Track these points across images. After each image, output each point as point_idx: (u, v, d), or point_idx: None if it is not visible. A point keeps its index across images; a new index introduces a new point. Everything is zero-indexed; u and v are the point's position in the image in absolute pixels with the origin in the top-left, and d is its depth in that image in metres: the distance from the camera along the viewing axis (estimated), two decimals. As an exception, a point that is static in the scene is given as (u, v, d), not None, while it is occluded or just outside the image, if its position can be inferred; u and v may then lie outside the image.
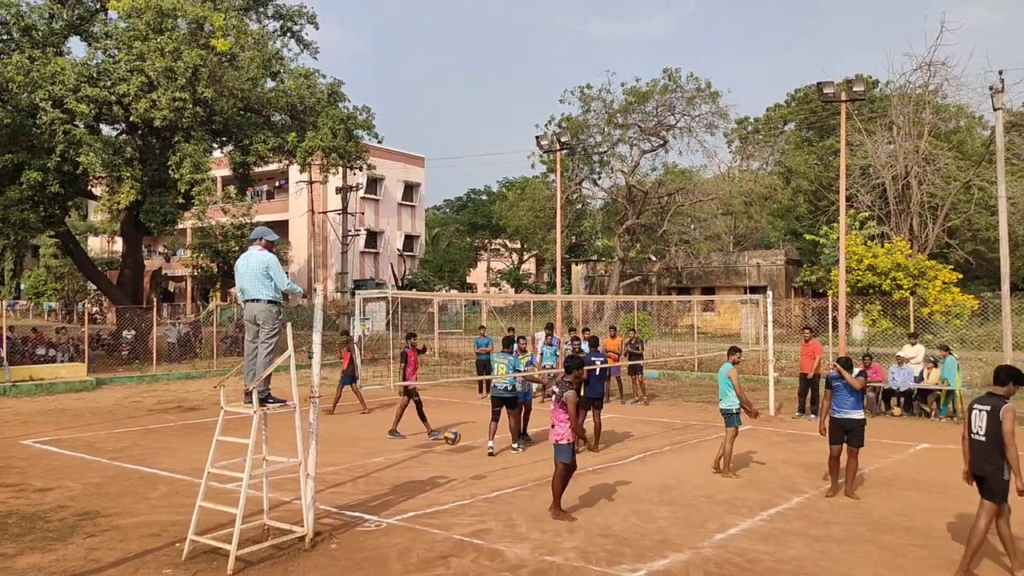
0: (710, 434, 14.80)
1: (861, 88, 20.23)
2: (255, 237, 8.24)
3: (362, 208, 53.10)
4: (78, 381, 22.49)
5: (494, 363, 12.89)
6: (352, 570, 7.22)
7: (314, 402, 8.22)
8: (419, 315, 38.24)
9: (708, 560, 7.49)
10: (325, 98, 29.25)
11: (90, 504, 9.52)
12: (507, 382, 12.57)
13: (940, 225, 36.80)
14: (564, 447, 8.92)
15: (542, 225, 44.86)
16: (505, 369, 12.59)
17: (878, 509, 9.37)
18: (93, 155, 23.82)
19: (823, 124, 48.74)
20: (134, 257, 30.86)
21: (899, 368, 17.08)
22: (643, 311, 36.91)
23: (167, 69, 24.18)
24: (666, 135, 39.62)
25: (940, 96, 38.68)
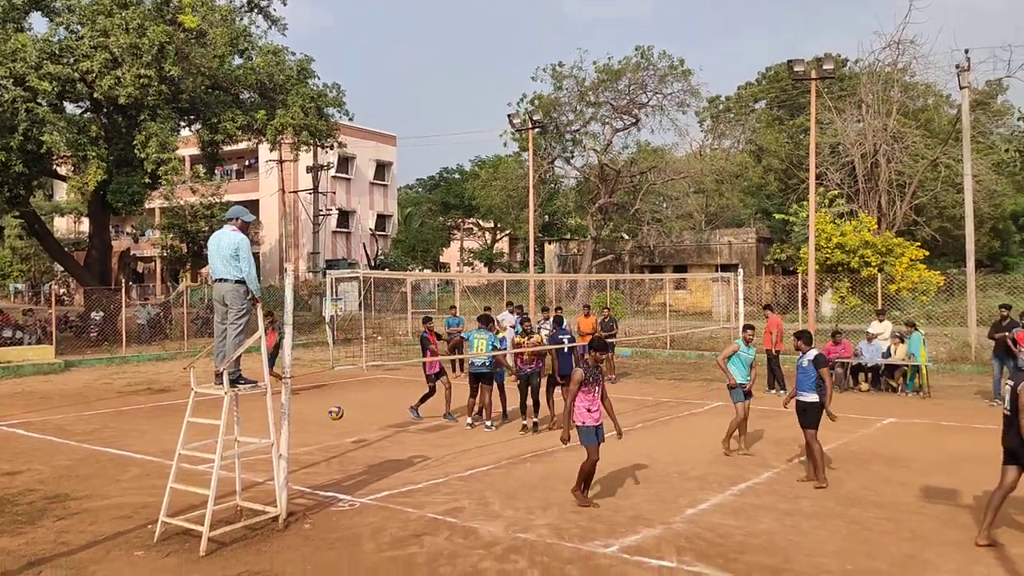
0: (682, 411, 14.97)
1: (831, 66, 20.37)
2: (231, 216, 8.13)
3: (333, 187, 52.65)
4: (46, 363, 22.18)
5: (472, 340, 12.90)
6: (325, 550, 7.23)
7: (286, 382, 8.17)
8: (392, 295, 38.12)
9: (679, 535, 7.59)
10: (294, 75, 28.88)
11: (60, 487, 9.42)
12: (484, 358, 12.60)
13: (908, 203, 37.26)
14: (587, 431, 8.64)
15: (515, 204, 44.78)
16: (485, 345, 12.63)
17: (846, 483, 9.53)
18: (57, 134, 23.36)
19: (793, 103, 49.02)
20: (101, 238, 30.38)
21: (867, 344, 17.33)
22: (616, 290, 37.06)
23: (132, 46, 23.71)
24: (638, 113, 39.65)
25: (908, 75, 39.06)
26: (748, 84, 54.86)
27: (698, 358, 23.98)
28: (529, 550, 7.17)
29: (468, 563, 6.86)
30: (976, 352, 20.71)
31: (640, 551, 7.14)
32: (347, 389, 18.19)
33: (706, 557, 6.99)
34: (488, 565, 6.81)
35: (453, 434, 12.71)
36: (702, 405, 15.61)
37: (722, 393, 16.92)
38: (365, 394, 17.49)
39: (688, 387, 18.30)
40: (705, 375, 20.31)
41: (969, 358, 20.86)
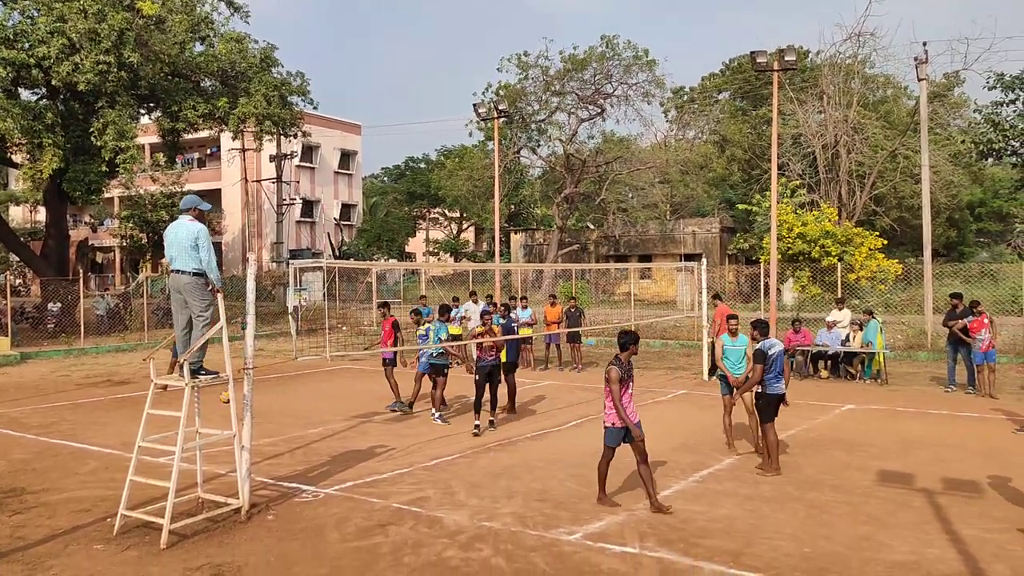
0: (646, 399, 15.07)
1: (793, 58, 20.59)
2: (186, 207, 8.01)
3: (297, 176, 52.12)
4: (1, 356, 21.71)
5: (431, 331, 12.83)
6: (289, 540, 7.20)
7: (248, 373, 8.10)
8: (357, 285, 37.91)
9: (642, 521, 7.68)
10: (257, 63, 28.48)
11: (16, 481, 9.26)
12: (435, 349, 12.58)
13: (867, 193, 37.86)
14: (609, 430, 8.22)
15: (480, 194, 44.75)
16: (432, 337, 12.55)
17: (805, 468, 9.70)
18: (11, 121, 22.79)
19: (756, 94, 49.53)
20: (58, 227, 29.75)
21: (827, 332, 17.62)
22: (581, 279, 37.25)
23: (90, 31, 23.21)
24: (604, 103, 39.79)
25: (868, 66, 39.63)
26: (712, 75, 55.26)
27: (662, 347, 24.20)
28: (494, 538, 7.21)
29: (433, 552, 6.88)
30: (932, 340, 21.16)
31: (603, 537, 7.22)
32: (311, 380, 18.07)
33: (668, 542, 7.08)
34: (453, 554, 6.84)
35: (418, 424, 12.70)
36: (665, 393, 15.76)
37: (685, 382, 17.20)
38: (329, 385, 17.39)
39: (652, 375, 18.46)
40: (669, 364, 20.51)
41: (925, 346, 21.31)
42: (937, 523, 7.63)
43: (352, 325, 30.50)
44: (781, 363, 9.53)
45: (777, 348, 9.57)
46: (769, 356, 9.42)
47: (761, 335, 9.72)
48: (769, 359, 9.41)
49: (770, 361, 9.41)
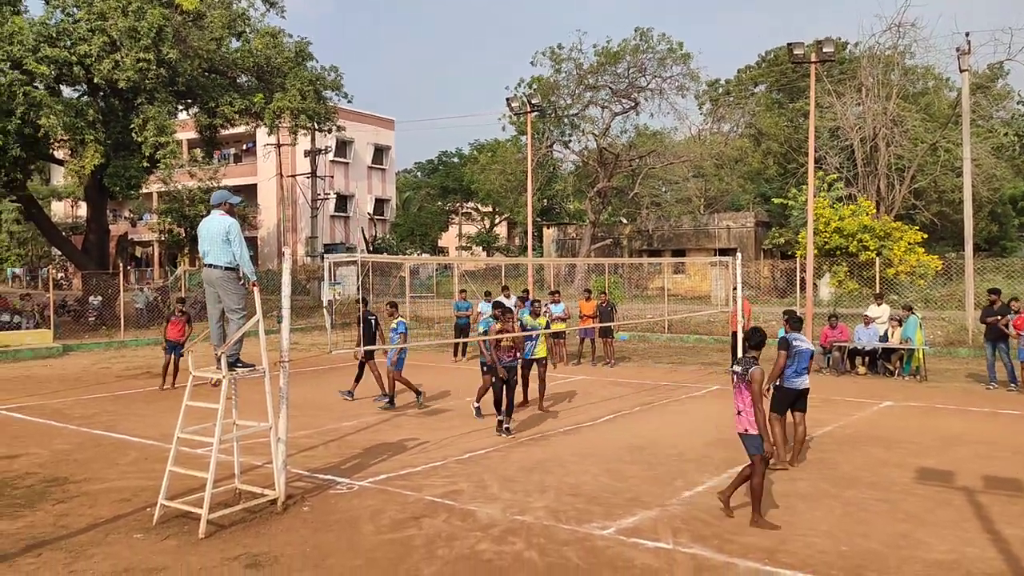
0: (680, 395, 15.01)
1: (831, 49, 20.28)
2: (217, 202, 8.08)
3: (331, 172, 52.51)
4: (44, 348, 22.20)
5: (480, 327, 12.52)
6: (324, 532, 7.27)
7: (284, 366, 8.19)
8: (390, 279, 38.14)
9: (676, 516, 7.64)
10: (292, 58, 28.75)
11: (58, 470, 9.46)
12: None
13: (906, 187, 37.23)
14: (755, 437, 7.49)
15: (513, 188, 44.74)
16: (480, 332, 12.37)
17: (842, 465, 9.58)
18: (54, 117, 23.28)
19: (793, 86, 48.86)
20: (99, 222, 30.34)
21: (865, 328, 17.37)
22: (614, 274, 37.10)
23: (130, 29, 23.60)
24: (637, 97, 39.53)
25: (908, 57, 38.95)
26: (748, 67, 54.64)
27: (696, 342, 24.04)
28: (526, 532, 7.21)
29: (466, 545, 6.90)
30: (973, 336, 20.76)
31: (637, 533, 7.19)
32: (345, 373, 18.21)
33: (702, 539, 7.03)
34: (486, 547, 6.85)
35: (451, 418, 12.75)
36: (700, 389, 15.65)
37: (719, 377, 17.06)
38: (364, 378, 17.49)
39: (686, 371, 18.35)
40: (703, 359, 20.36)
41: (966, 342, 20.92)
42: (977, 521, 7.49)
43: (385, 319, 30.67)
44: (806, 360, 9.41)
45: (804, 344, 9.45)
46: (792, 347, 9.34)
47: (791, 327, 9.69)
48: (792, 350, 9.33)
49: (792, 353, 9.33)
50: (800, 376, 9.43)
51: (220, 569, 6.38)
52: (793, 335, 9.56)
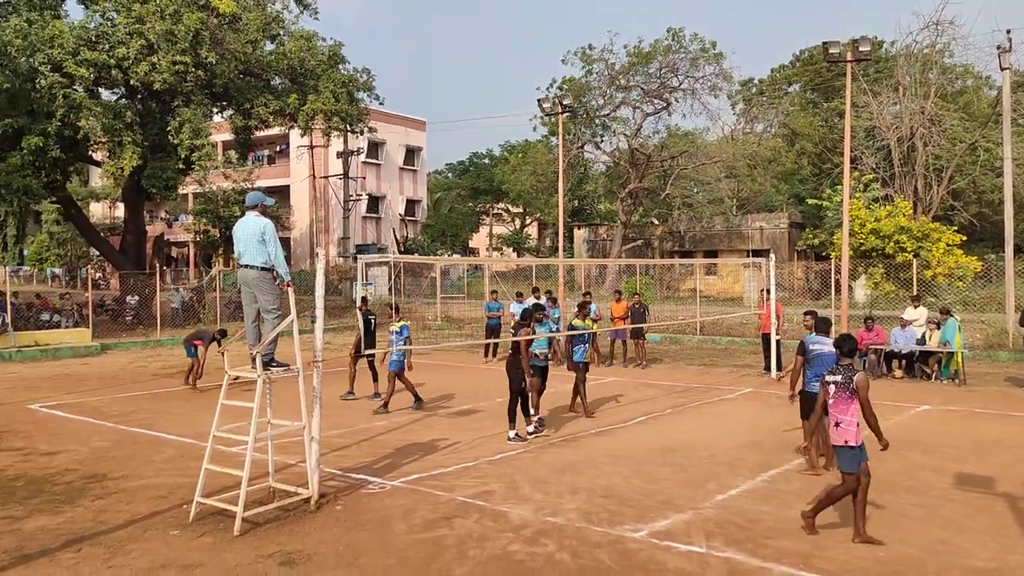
0: (712, 397, 14.89)
1: (867, 48, 19.97)
2: (251, 204, 8.15)
3: (363, 173, 52.86)
4: (83, 346, 22.61)
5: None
6: (357, 531, 7.31)
7: (317, 366, 8.25)
8: (421, 280, 38.29)
9: (709, 520, 7.57)
10: (326, 60, 29.00)
11: (97, 467, 9.61)
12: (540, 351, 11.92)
13: (945, 187, 36.61)
14: (850, 452, 7.07)
15: (544, 189, 44.70)
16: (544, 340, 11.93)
17: (878, 470, 9.36)
18: (93, 119, 23.72)
19: (828, 85, 48.28)
20: (136, 222, 30.84)
21: (901, 330, 17.10)
22: (645, 275, 36.91)
23: (167, 32, 23.97)
24: (669, 97, 39.29)
25: (947, 56, 38.28)
26: (782, 66, 54.10)
27: (729, 344, 23.83)
28: (558, 534, 7.20)
29: (498, 546, 6.90)
30: (1014, 339, 20.36)
31: (669, 536, 7.14)
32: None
33: (736, 542, 6.96)
34: (518, 548, 6.85)
35: (482, 418, 12.75)
36: (732, 391, 15.51)
37: (752, 379, 16.90)
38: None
39: (718, 373, 18.20)
40: (736, 361, 20.18)
41: (1006, 345, 20.52)
42: (1019, 528, 7.34)
43: (417, 319, 30.82)
44: (826, 365, 8.89)
45: (825, 347, 9.16)
46: (809, 351, 9.23)
47: (816, 330, 9.51)
48: (810, 353, 9.21)
49: (810, 357, 9.20)
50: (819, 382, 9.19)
51: (255, 566, 6.45)
52: (813, 337, 9.43)
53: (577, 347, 12.92)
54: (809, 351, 9.28)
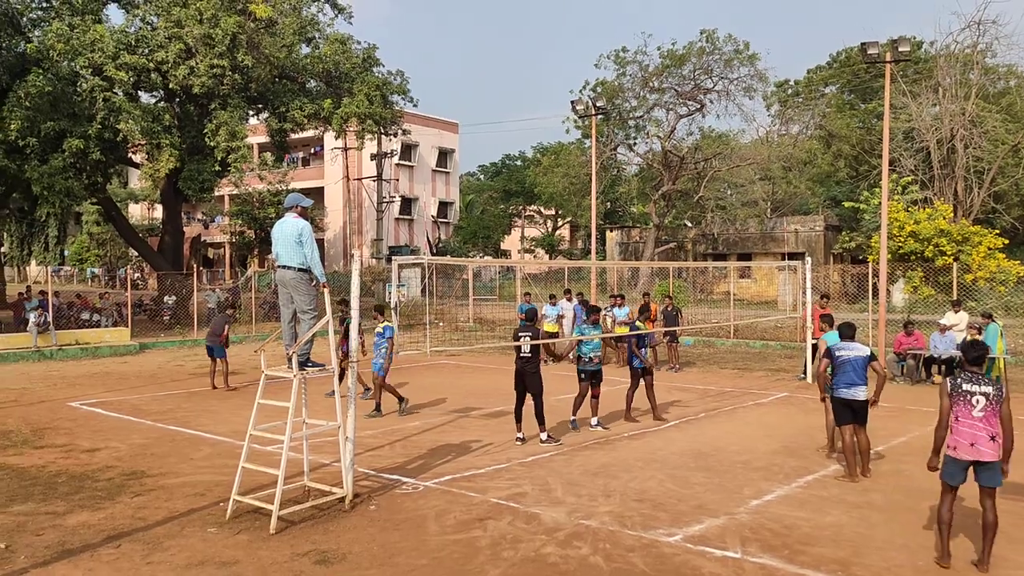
0: (746, 401, 14.74)
1: (906, 48, 19.64)
2: (290, 205, 8.24)
3: (396, 175, 53.20)
4: (122, 345, 23.00)
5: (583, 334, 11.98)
6: (390, 531, 7.34)
7: (352, 366, 8.31)
8: (453, 281, 38.39)
9: (744, 525, 7.49)
10: (360, 64, 29.21)
11: (136, 464, 9.77)
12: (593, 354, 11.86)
13: (986, 190, 35.91)
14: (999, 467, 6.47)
15: (576, 191, 44.58)
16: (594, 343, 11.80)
17: (918, 478, 9.24)
18: (132, 122, 24.14)
19: (866, 87, 47.59)
20: (174, 224, 31.31)
21: (940, 336, 16.80)
22: (678, 278, 36.67)
23: (205, 36, 24.32)
24: (703, 99, 38.98)
25: (989, 56, 37.57)
26: (818, 68, 53.41)
27: (763, 348, 23.59)
28: (592, 537, 7.17)
29: (531, 548, 6.89)
30: (1058, 345, 19.89)
31: (704, 541, 7.08)
32: (410, 374, 18.41)
33: (771, 548, 6.88)
34: (551, 550, 6.83)
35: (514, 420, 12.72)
36: (766, 396, 15.35)
37: (787, 384, 16.72)
38: (428, 379, 17.67)
39: (752, 377, 18.02)
40: (770, 365, 19.97)
41: (1050, 351, 20.05)
42: (1066, 540, 7.16)
43: (449, 321, 30.93)
44: (856, 370, 9.00)
45: (851, 352, 9.11)
46: (836, 357, 9.11)
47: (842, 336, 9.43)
48: (836, 360, 9.10)
49: (838, 363, 9.08)
50: (853, 387, 9.04)
51: (290, 564, 6.50)
52: (839, 343, 9.32)
53: (644, 351, 12.75)
54: (836, 357, 9.16)
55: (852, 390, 9.07)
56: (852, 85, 50.30)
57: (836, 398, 9.21)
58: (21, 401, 14.56)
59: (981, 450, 6.46)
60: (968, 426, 6.54)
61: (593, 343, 11.83)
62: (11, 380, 17.33)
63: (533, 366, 10.88)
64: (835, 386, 9.20)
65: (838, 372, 9.14)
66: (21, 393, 15.51)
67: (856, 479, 9.06)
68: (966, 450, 6.51)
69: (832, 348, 9.33)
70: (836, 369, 9.16)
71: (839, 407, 9.20)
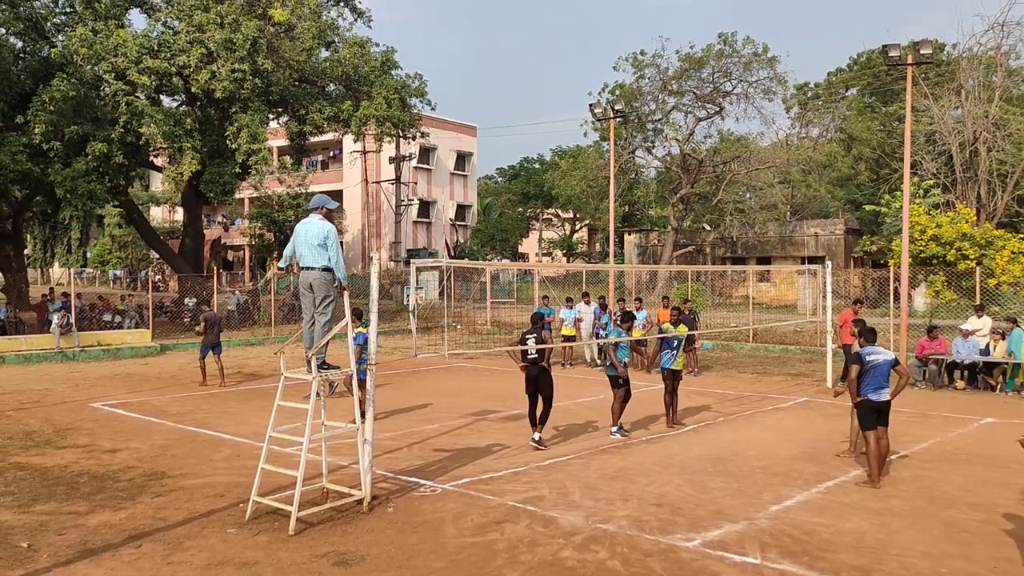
0: (765, 406, 14.65)
1: (928, 51, 19.48)
2: (315, 206, 8.28)
3: (415, 178, 53.36)
4: (143, 347, 23.20)
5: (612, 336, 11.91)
6: (408, 533, 7.36)
7: (371, 369, 8.34)
8: (471, 284, 38.43)
9: (763, 531, 7.44)
10: (378, 67, 29.33)
11: (157, 465, 9.84)
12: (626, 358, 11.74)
13: (1010, 193, 35.51)
14: None
15: (595, 194, 44.53)
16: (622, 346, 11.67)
17: (940, 484, 9.17)
18: (154, 126, 24.38)
19: (887, 89, 47.22)
20: (194, 226, 31.56)
21: (963, 341, 16.62)
22: (697, 281, 36.51)
23: (226, 40, 24.52)
24: (722, 102, 38.85)
25: (1013, 58, 37.18)
26: (839, 70, 53.09)
27: (782, 352, 23.44)
28: (609, 541, 7.15)
29: (548, 551, 6.88)
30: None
31: (722, 546, 7.04)
32: (428, 377, 18.46)
33: (791, 554, 6.83)
34: (568, 554, 6.82)
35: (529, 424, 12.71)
36: (786, 400, 15.25)
37: (807, 388, 16.60)
38: (446, 382, 17.70)
39: (771, 381, 17.91)
40: (789, 370, 19.83)
41: (1075, 357, 19.75)
42: (1091, 549, 7.05)
43: (467, 324, 30.95)
44: (882, 374, 9.18)
45: (879, 357, 9.25)
46: (867, 362, 9.20)
47: (865, 340, 9.60)
48: (867, 365, 9.18)
49: (868, 367, 9.18)
50: (880, 390, 9.18)
51: (309, 565, 6.53)
52: (867, 349, 9.43)
53: (664, 353, 12.70)
54: (866, 362, 9.21)
55: (879, 393, 9.19)
56: (873, 88, 49.94)
57: (864, 402, 9.23)
58: (44, 402, 14.72)
59: None
60: None
61: (622, 349, 11.74)
62: (34, 381, 17.54)
63: (538, 369, 10.89)
64: (863, 391, 9.23)
65: (867, 376, 9.21)
66: (44, 394, 15.68)
67: (879, 485, 8.99)
68: None
69: (862, 353, 9.37)
70: (865, 374, 9.22)
71: (866, 411, 9.23)
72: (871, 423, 9.19)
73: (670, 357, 12.64)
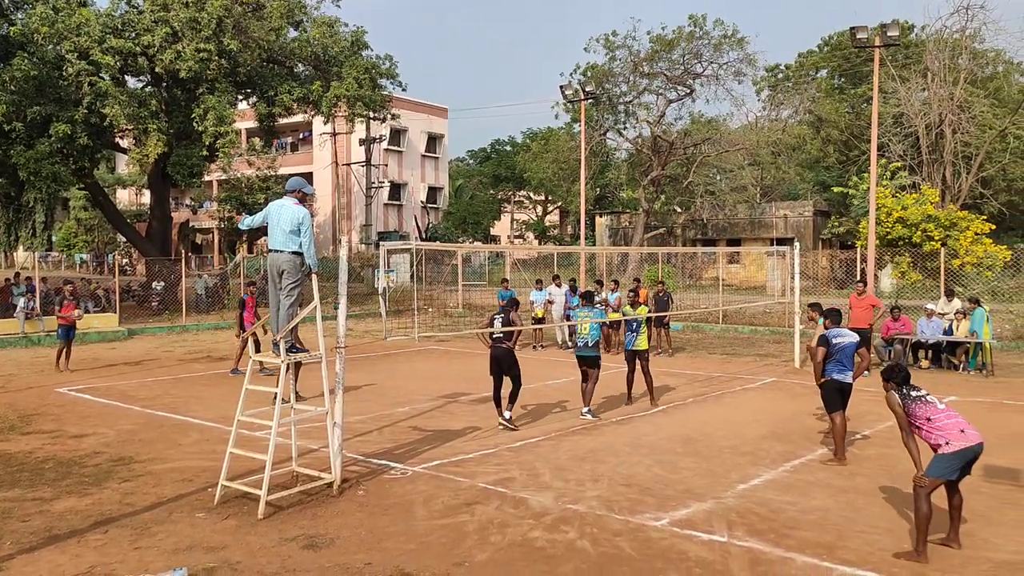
0: (734, 386, 14.81)
1: (896, 33, 19.68)
2: (291, 188, 8.20)
3: (385, 160, 52.97)
4: (110, 331, 22.89)
5: (576, 319, 12.03)
6: (379, 515, 7.36)
7: (340, 352, 8.30)
8: (443, 267, 38.36)
9: (730, 509, 7.55)
10: (348, 47, 29.01)
11: (124, 450, 9.75)
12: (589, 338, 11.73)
13: (974, 175, 36.07)
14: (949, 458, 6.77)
15: (566, 177, 44.53)
16: (589, 326, 11.71)
17: (904, 462, 9.27)
18: (119, 107, 23.92)
19: (856, 71, 47.64)
20: (162, 209, 31.11)
21: (928, 321, 16.91)
22: (668, 263, 36.73)
23: (192, 20, 24.10)
24: (693, 84, 38.95)
25: (977, 41, 37.64)
26: (810, 52, 53.40)
27: (751, 333, 23.69)
28: (579, 521, 7.21)
29: (518, 532, 6.92)
30: (1043, 330, 20.04)
31: (690, 525, 7.13)
32: (398, 360, 18.43)
33: (757, 532, 6.94)
34: (538, 535, 6.87)
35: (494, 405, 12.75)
36: (754, 381, 15.43)
37: (774, 369, 16.79)
38: (417, 365, 17.69)
39: (740, 362, 18.10)
40: (758, 350, 20.06)
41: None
42: (1047, 522, 7.24)
43: (438, 307, 30.92)
44: (847, 356, 9.35)
45: (845, 339, 9.40)
46: (833, 344, 9.34)
47: (831, 323, 9.76)
48: (833, 347, 9.33)
49: (834, 349, 9.33)
50: (845, 371, 9.36)
51: (278, 549, 6.52)
52: (833, 331, 9.57)
53: (628, 336, 12.84)
54: (833, 344, 9.36)
55: (844, 374, 9.36)
56: (842, 70, 50.35)
57: (831, 383, 9.37)
58: (8, 387, 14.49)
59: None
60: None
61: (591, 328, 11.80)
62: (-2, 366, 17.25)
63: (502, 349, 11.14)
64: (829, 372, 9.38)
65: (833, 358, 9.35)
66: (8, 379, 15.44)
67: (845, 462, 9.14)
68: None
69: (828, 335, 9.47)
70: (831, 355, 9.35)
71: (832, 392, 9.37)
72: (837, 404, 9.34)
73: (630, 339, 12.73)
